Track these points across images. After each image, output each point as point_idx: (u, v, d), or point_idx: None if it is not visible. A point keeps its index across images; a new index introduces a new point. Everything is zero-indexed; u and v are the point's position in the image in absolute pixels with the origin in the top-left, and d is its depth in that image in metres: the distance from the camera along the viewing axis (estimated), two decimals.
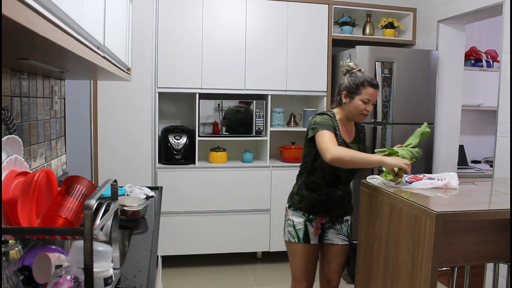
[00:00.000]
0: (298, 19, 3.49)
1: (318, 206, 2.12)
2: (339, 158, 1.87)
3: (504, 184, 2.23)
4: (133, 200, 1.88)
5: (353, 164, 1.93)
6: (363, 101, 2.02)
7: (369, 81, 2.03)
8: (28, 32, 0.71)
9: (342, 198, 2.16)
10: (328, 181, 2.10)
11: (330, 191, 2.11)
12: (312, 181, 2.12)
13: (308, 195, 2.12)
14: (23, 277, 1.09)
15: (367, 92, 2.02)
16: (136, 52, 3.06)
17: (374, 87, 2.03)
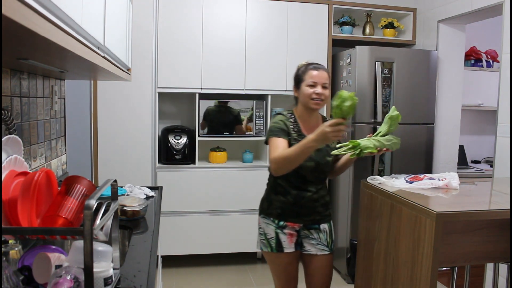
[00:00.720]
0: (298, 19, 3.49)
1: (287, 210, 1.98)
2: (277, 163, 1.82)
3: (504, 184, 2.23)
4: (133, 200, 1.87)
5: (293, 161, 1.81)
6: (309, 85, 1.94)
7: (309, 65, 1.98)
8: (28, 32, 0.71)
9: (314, 201, 2.00)
10: (294, 183, 1.97)
11: (298, 193, 1.97)
12: (279, 184, 2.00)
13: (276, 199, 2.00)
14: (23, 277, 1.09)
15: (310, 75, 1.94)
16: (136, 52, 3.06)
17: (316, 69, 1.96)
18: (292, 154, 1.78)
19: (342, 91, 1.70)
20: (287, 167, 1.84)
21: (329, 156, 1.98)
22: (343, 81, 3.45)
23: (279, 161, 1.82)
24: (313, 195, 1.99)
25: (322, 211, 2.04)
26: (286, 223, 1.99)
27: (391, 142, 1.82)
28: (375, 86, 3.27)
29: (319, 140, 1.71)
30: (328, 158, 1.99)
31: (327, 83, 1.97)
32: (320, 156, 1.97)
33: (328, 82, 1.97)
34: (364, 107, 3.29)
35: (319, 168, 1.97)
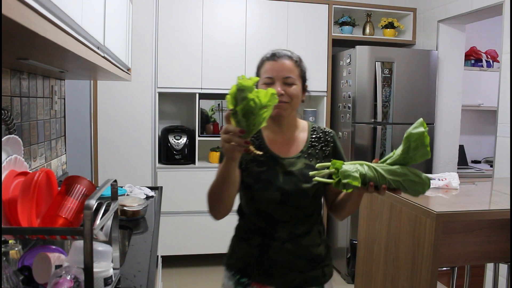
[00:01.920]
0: (298, 19, 3.49)
1: (252, 265, 1.34)
2: (207, 201, 1.29)
3: (504, 184, 2.23)
4: (133, 200, 1.87)
5: (217, 196, 1.23)
6: (265, 84, 1.33)
7: (265, 56, 1.41)
8: (28, 32, 0.71)
9: (290, 254, 1.31)
10: (257, 224, 1.34)
11: (263, 241, 1.32)
12: (241, 226, 1.43)
13: (238, 247, 1.40)
14: (23, 277, 1.09)
15: (265, 70, 1.36)
16: (136, 52, 3.06)
17: (273, 58, 1.36)
18: (212, 186, 1.24)
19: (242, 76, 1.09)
20: (216, 207, 1.27)
21: (307, 182, 1.29)
22: (343, 81, 3.45)
23: (207, 198, 1.28)
24: (285, 245, 1.30)
25: (307, 269, 1.33)
26: (250, 281, 1.35)
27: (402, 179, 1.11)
28: (375, 86, 3.27)
29: (224, 154, 1.12)
30: (305, 185, 1.29)
31: (293, 77, 1.32)
32: (292, 181, 1.30)
33: (294, 74, 1.33)
34: (364, 107, 3.29)
35: (291, 200, 1.29)
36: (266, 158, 1.34)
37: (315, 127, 1.44)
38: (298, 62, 1.38)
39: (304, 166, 1.33)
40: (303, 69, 1.40)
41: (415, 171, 1.12)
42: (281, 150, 1.36)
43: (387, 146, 3.34)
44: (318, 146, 1.39)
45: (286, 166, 1.33)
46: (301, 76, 1.37)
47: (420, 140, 1.11)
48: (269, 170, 1.32)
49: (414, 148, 1.11)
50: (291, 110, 1.34)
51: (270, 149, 1.36)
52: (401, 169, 1.12)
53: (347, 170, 1.12)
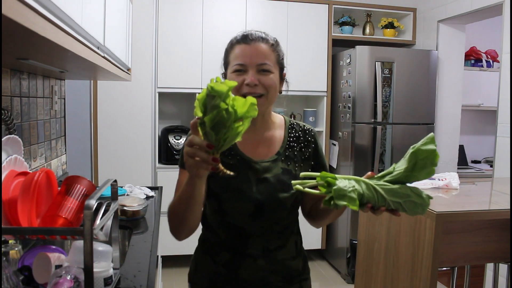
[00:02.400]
0: (298, 19, 3.49)
1: (219, 285, 1.18)
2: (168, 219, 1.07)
3: (504, 184, 2.24)
4: (133, 200, 1.87)
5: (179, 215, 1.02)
6: (235, 71, 1.13)
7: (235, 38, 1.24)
8: (28, 32, 0.71)
9: (265, 271, 1.15)
10: (224, 239, 1.17)
11: (232, 258, 1.16)
12: (206, 238, 1.23)
13: (203, 262, 1.22)
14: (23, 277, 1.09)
15: (235, 55, 1.16)
16: (136, 52, 3.06)
17: (244, 41, 1.17)
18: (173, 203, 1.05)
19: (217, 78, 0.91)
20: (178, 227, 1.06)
21: (284, 191, 1.12)
22: (343, 81, 3.45)
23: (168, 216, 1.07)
24: (258, 261, 1.14)
25: (283, 285, 1.18)
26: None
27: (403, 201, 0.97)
28: (375, 86, 3.27)
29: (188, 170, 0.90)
30: (282, 195, 1.12)
31: (269, 63, 1.11)
32: (267, 190, 1.11)
33: (271, 60, 1.12)
34: (364, 107, 3.29)
35: (266, 212, 1.11)
36: (236, 161, 1.13)
37: (293, 124, 1.22)
38: (274, 45, 1.15)
39: (280, 171, 1.13)
40: (281, 54, 1.16)
41: (417, 190, 0.99)
42: (253, 152, 1.15)
43: (387, 146, 3.34)
44: (297, 147, 1.19)
45: (260, 172, 1.12)
46: (278, 62, 1.14)
47: (430, 159, 0.97)
48: (239, 177, 1.10)
49: (421, 167, 0.97)
50: (267, 104, 1.12)
51: (241, 151, 1.15)
52: (403, 189, 0.98)
53: (342, 189, 0.94)
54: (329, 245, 3.68)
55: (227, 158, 1.14)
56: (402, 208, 0.98)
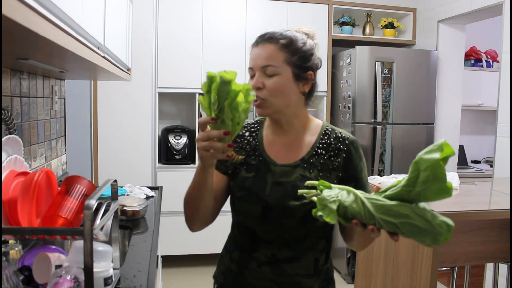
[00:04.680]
0: (298, 19, 3.48)
1: (230, 283, 1.18)
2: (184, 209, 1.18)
3: (504, 184, 2.24)
4: (133, 200, 1.87)
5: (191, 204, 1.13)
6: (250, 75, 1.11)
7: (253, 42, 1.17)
8: (28, 32, 0.71)
9: (270, 281, 1.11)
10: (239, 238, 1.18)
11: (241, 257, 1.15)
12: (229, 235, 1.26)
13: (223, 258, 1.25)
14: (23, 277, 1.08)
15: (250, 58, 1.14)
16: (136, 52, 3.05)
17: (255, 44, 1.15)
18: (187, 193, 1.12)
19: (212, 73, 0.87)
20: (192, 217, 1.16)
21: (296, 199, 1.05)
22: (343, 81, 3.45)
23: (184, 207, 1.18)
24: (262, 268, 1.11)
25: None
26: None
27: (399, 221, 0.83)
28: (375, 86, 3.27)
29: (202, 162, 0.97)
30: (293, 202, 1.06)
31: (274, 65, 1.06)
32: (278, 194, 1.08)
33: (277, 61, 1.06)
34: (364, 107, 3.29)
35: (273, 217, 1.07)
36: (258, 162, 1.12)
37: (329, 130, 1.13)
38: (285, 44, 1.07)
39: (299, 177, 1.07)
40: (295, 52, 1.07)
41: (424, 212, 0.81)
42: (278, 154, 1.12)
43: (387, 146, 3.34)
44: (326, 154, 1.10)
45: (277, 175, 1.09)
46: (290, 62, 1.06)
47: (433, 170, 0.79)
48: (256, 177, 1.10)
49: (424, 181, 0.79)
50: (274, 108, 1.07)
51: (266, 152, 1.13)
52: (400, 208, 0.82)
53: (325, 198, 0.87)
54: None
55: (251, 158, 1.13)
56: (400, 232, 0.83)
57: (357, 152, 1.11)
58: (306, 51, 1.08)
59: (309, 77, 1.09)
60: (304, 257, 1.10)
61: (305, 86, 1.09)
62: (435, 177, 0.79)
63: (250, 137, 1.16)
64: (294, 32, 1.11)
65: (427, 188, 0.79)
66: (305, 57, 1.08)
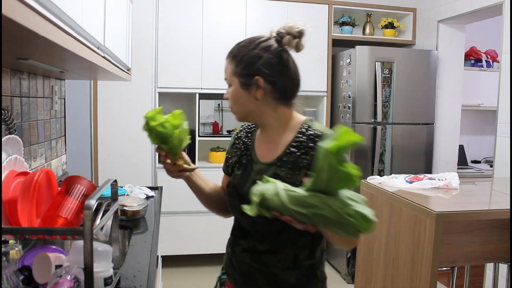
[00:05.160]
0: (298, 19, 3.47)
1: (228, 262, 1.28)
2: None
3: (504, 184, 2.24)
4: (133, 200, 1.87)
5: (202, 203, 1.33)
6: None
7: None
8: (28, 32, 0.71)
9: (250, 268, 1.18)
10: (234, 226, 1.28)
11: (233, 242, 1.26)
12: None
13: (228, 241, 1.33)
14: (23, 277, 1.09)
15: None
16: (136, 52, 3.05)
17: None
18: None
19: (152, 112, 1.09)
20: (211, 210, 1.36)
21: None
22: (343, 81, 3.45)
23: None
24: (244, 254, 1.19)
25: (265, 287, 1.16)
26: (227, 279, 1.28)
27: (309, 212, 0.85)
28: (375, 86, 3.27)
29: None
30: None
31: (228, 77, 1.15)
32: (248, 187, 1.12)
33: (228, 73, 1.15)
34: (364, 107, 3.29)
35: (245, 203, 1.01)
36: (247, 161, 1.20)
37: (305, 128, 1.16)
38: (234, 55, 1.13)
39: (272, 176, 1.08)
40: (240, 62, 1.12)
41: (334, 202, 0.82)
42: (262, 153, 1.18)
43: (387, 146, 3.34)
44: (298, 152, 1.12)
45: (256, 173, 1.15)
46: (236, 73, 1.12)
47: (325, 159, 0.80)
48: (242, 175, 1.18)
49: (321, 170, 0.82)
50: (239, 115, 1.16)
51: (254, 151, 1.20)
52: (310, 198, 0.84)
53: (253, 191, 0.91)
54: (329, 245, 3.69)
55: (243, 157, 1.22)
56: (311, 221, 0.85)
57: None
58: (251, 57, 1.11)
59: (256, 82, 1.11)
60: (283, 251, 1.14)
61: (257, 91, 1.11)
62: (330, 166, 0.80)
63: (246, 138, 1.25)
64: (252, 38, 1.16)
65: (329, 177, 0.81)
66: (249, 65, 1.11)
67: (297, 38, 1.18)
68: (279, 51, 1.14)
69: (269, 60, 1.11)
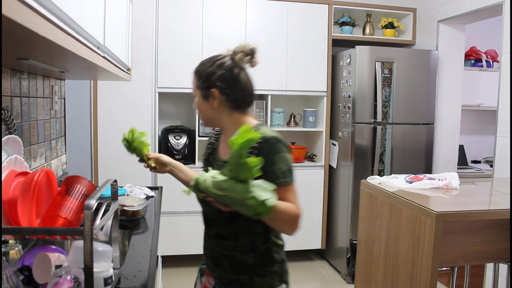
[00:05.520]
0: (298, 19, 3.49)
1: (204, 252, 1.46)
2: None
3: (504, 184, 2.24)
4: (133, 200, 1.88)
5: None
6: None
7: None
8: (28, 32, 0.71)
9: (217, 253, 1.36)
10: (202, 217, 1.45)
11: (204, 230, 1.44)
12: None
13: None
14: (23, 277, 1.09)
15: None
16: (136, 52, 3.05)
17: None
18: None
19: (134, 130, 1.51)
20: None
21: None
22: (343, 81, 3.45)
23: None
24: (211, 241, 1.39)
25: (232, 271, 1.34)
26: (205, 268, 1.47)
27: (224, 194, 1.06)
28: (375, 86, 3.27)
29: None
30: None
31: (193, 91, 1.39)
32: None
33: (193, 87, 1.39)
34: (364, 107, 3.29)
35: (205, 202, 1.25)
36: (213, 160, 1.41)
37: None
38: (196, 72, 1.38)
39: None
40: (200, 75, 1.35)
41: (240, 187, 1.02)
42: (223, 152, 1.39)
43: (387, 146, 3.34)
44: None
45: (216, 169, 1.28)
46: (198, 86, 1.35)
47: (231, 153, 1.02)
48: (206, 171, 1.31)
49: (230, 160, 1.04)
50: (204, 121, 1.40)
51: (218, 151, 1.42)
52: (224, 183, 1.04)
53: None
54: (329, 245, 3.69)
55: (211, 157, 1.44)
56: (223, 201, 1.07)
57: (269, 148, 1.25)
58: (208, 73, 1.33)
59: (212, 94, 1.31)
60: (241, 237, 1.32)
61: (214, 101, 1.32)
62: (233, 157, 1.01)
63: (214, 140, 1.47)
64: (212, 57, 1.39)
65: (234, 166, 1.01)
66: (207, 79, 1.33)
67: (249, 56, 1.34)
68: (232, 67, 1.33)
69: (222, 75, 1.31)
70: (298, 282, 3.35)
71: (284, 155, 1.26)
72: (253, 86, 1.42)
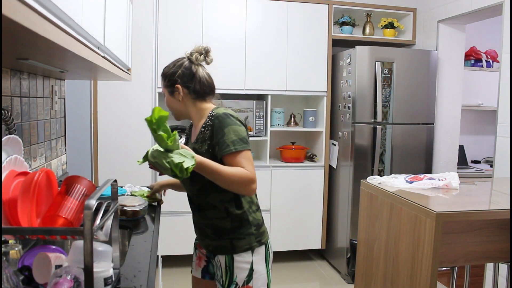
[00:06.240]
0: (298, 19, 3.49)
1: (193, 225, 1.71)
2: None
3: (504, 184, 2.24)
4: (133, 200, 1.87)
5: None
6: None
7: None
8: (28, 32, 0.71)
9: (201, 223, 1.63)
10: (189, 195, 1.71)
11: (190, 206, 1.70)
12: None
13: None
14: (23, 277, 1.09)
15: None
16: (136, 52, 3.05)
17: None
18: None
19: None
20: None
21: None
22: (343, 81, 3.45)
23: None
24: (195, 213, 1.66)
25: (215, 238, 1.56)
26: (197, 242, 1.73)
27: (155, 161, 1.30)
28: (375, 86, 3.27)
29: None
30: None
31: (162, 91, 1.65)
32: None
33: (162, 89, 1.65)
34: (364, 107, 3.29)
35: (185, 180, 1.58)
36: (188, 144, 1.66)
37: (210, 114, 1.55)
38: (162, 74, 1.62)
39: (193, 150, 1.49)
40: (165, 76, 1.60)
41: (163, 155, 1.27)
42: (193, 136, 1.63)
43: (387, 146, 3.34)
44: (204, 131, 1.54)
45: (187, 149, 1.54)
46: (165, 85, 1.60)
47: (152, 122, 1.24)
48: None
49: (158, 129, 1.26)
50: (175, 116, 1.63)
51: (190, 136, 1.68)
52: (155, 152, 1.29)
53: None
54: (329, 245, 3.68)
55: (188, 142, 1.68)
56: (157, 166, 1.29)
57: (220, 123, 1.48)
58: (171, 73, 1.59)
59: (178, 89, 1.57)
60: (217, 206, 1.54)
61: (179, 95, 1.57)
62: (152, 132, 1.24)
63: (189, 129, 1.72)
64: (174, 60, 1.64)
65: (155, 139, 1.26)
66: (171, 77, 1.58)
67: (203, 54, 1.61)
68: (190, 65, 1.60)
69: (183, 72, 1.58)
70: (298, 282, 3.35)
71: (233, 127, 1.47)
72: (211, 79, 1.63)
